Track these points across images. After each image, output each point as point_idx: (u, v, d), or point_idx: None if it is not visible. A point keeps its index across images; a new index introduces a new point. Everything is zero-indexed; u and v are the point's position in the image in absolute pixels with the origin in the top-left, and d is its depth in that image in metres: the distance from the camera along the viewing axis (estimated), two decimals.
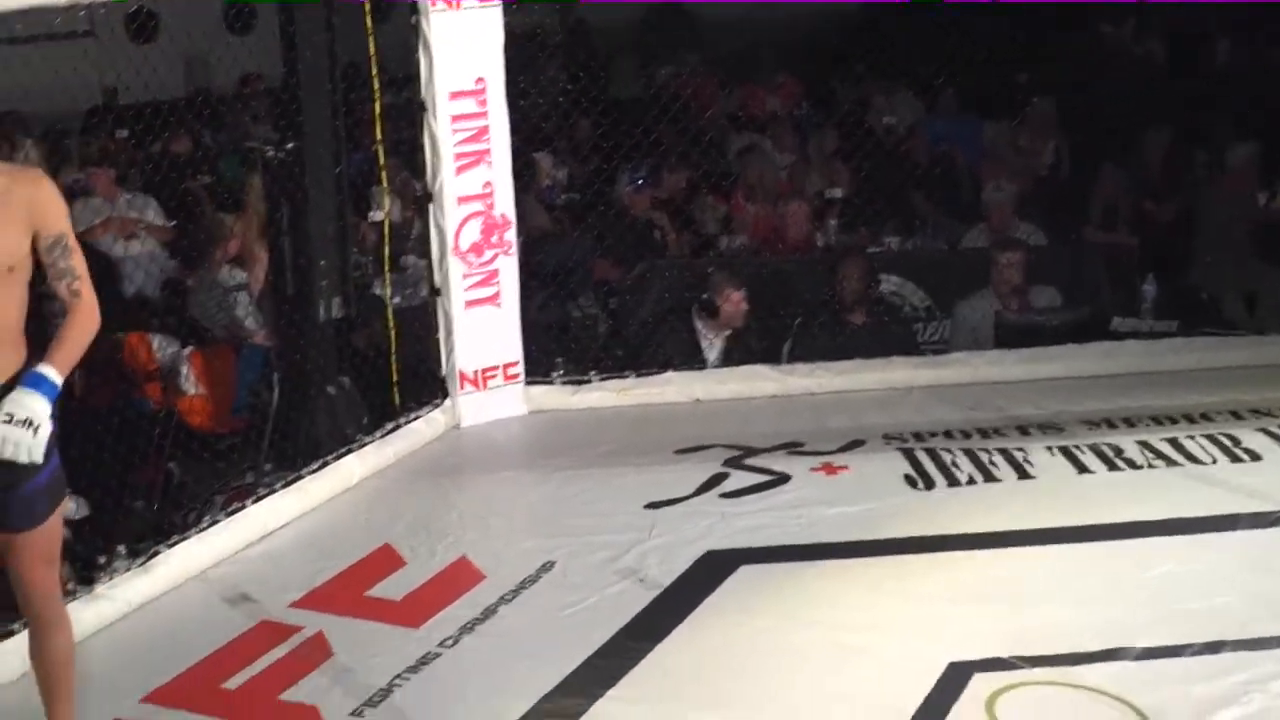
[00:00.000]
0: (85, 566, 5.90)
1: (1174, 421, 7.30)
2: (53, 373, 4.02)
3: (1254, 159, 9.51)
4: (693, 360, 8.11)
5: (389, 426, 7.27)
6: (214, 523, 6.27)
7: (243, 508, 6.39)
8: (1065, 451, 6.95)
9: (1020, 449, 7.01)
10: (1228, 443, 6.96)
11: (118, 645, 5.50)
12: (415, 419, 7.38)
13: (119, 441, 6.82)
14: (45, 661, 4.47)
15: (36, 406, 3.95)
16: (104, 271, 8.56)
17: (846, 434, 7.29)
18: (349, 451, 6.98)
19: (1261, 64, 10.49)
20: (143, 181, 9.64)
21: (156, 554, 5.93)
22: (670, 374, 7.95)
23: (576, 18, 10.74)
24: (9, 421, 3.93)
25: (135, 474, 6.99)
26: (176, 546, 6.03)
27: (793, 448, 7.15)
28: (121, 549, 5.96)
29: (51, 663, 4.47)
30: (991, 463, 6.88)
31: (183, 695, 5.11)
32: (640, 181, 9.59)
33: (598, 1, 9.77)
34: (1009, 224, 9.25)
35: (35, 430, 3.94)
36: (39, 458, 3.98)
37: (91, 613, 5.54)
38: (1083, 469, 6.78)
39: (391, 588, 5.88)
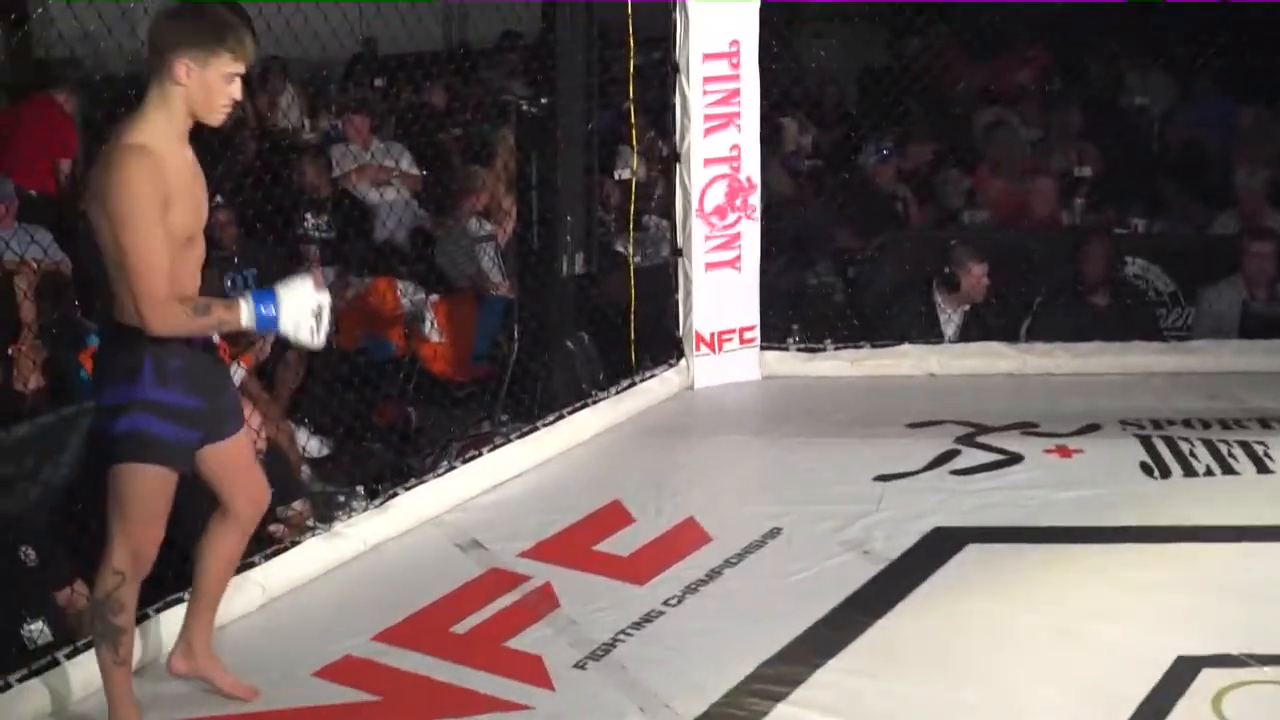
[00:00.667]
0: (325, 504, 6.09)
1: None
2: None
3: None
4: (929, 334, 8.07)
5: (624, 384, 7.36)
6: (450, 469, 6.41)
7: (478, 455, 6.53)
8: None
9: (1261, 442, 6.85)
10: None
11: (352, 583, 5.68)
12: (650, 378, 7.47)
13: (363, 383, 7.02)
14: (228, 555, 4.77)
15: None
16: (357, 217, 8.82)
17: (1082, 417, 7.19)
18: (584, 406, 7.09)
19: None
20: (398, 130, 9.85)
21: (394, 496, 6.08)
22: (906, 346, 7.93)
23: None
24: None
25: (376, 416, 7.20)
26: (413, 490, 6.18)
27: (1027, 428, 7.08)
28: (360, 489, 6.13)
29: (232, 557, 4.79)
30: (1231, 454, 6.74)
31: (412, 636, 5.23)
32: (885, 152, 9.55)
33: None
34: (1262, 212, 9.03)
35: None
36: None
37: (329, 549, 5.73)
38: None
39: (619, 544, 5.96)
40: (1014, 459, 6.73)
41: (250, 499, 4.71)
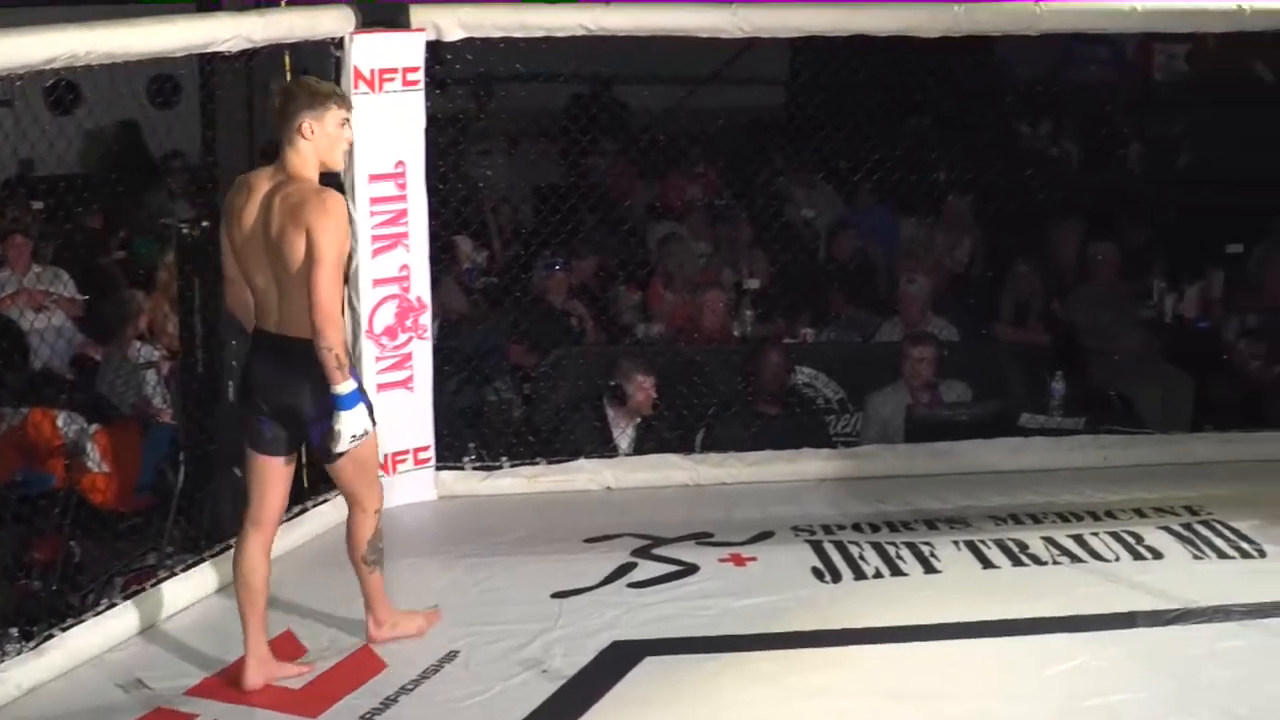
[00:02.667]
0: None
1: (1079, 518, 7.36)
2: None
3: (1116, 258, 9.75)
4: (605, 448, 8.11)
5: (295, 510, 7.18)
6: (112, 605, 6.16)
7: (142, 590, 6.29)
8: (971, 546, 6.99)
9: (927, 543, 7.05)
10: (1131, 540, 7.03)
11: None
12: (322, 502, 7.29)
13: (18, 518, 6.73)
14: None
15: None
16: (11, 344, 8.49)
17: (756, 525, 7.29)
18: None
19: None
20: (54, 254, 9.57)
21: (51, 636, 5.81)
22: (582, 461, 7.93)
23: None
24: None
25: (34, 552, 6.90)
26: (72, 629, 5.90)
27: (702, 538, 7.14)
28: (14, 631, 5.84)
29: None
30: (899, 557, 6.90)
31: None
32: (556, 267, 9.61)
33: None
34: (922, 319, 9.34)
35: None
36: None
37: None
38: (988, 564, 6.82)
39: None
40: (690, 569, 6.77)
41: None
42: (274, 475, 5.66)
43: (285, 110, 5.41)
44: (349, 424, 5.38)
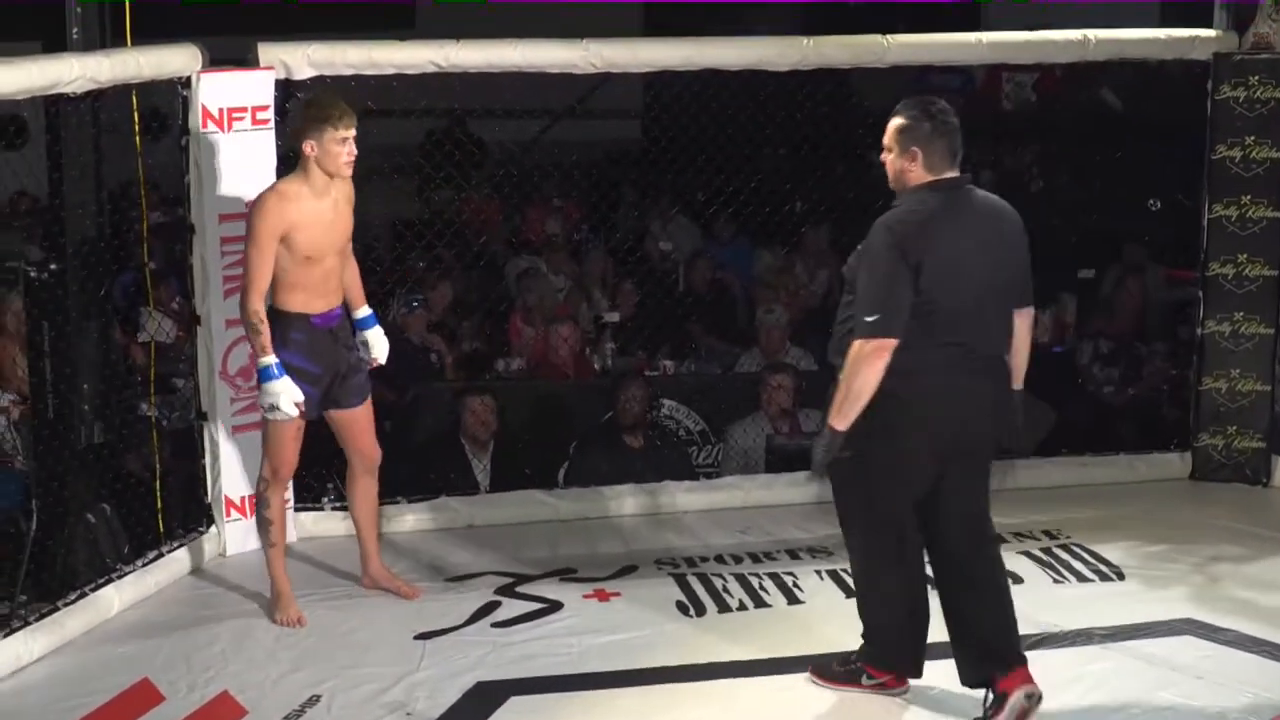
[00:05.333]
0: None
1: None
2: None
3: None
4: (465, 485, 8.05)
5: (151, 555, 7.06)
6: None
7: None
8: (833, 575, 7.02)
9: (790, 573, 7.08)
10: None
11: None
12: (178, 547, 7.18)
13: None
14: (365, 494, 6.80)
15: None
16: None
17: (619, 560, 7.29)
18: (108, 582, 6.75)
19: None
20: None
21: None
22: (443, 499, 7.87)
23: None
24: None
25: None
26: None
27: (565, 574, 7.12)
28: None
29: (368, 494, 6.81)
30: (762, 588, 6.93)
31: None
32: (415, 304, 9.56)
33: None
34: (780, 348, 9.40)
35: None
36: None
37: None
38: (850, 593, 6.82)
39: None
40: (554, 607, 6.74)
41: (363, 456, 6.72)
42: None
43: (295, 129, 6.39)
44: (260, 394, 6.37)
